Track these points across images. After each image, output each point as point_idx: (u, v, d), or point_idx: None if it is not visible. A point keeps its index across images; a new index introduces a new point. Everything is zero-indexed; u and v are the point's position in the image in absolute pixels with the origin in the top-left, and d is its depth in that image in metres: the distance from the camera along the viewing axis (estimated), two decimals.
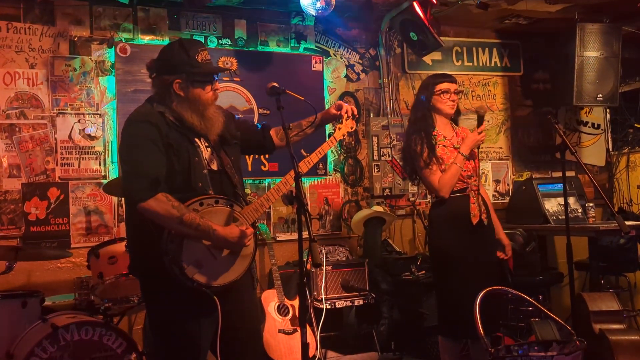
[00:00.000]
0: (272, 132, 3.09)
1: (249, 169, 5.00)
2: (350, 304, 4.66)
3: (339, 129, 3.06)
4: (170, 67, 2.64)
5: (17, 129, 4.42)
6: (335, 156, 5.43)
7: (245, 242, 2.63)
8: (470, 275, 3.57)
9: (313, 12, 4.79)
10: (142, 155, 2.53)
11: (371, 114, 5.56)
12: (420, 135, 3.67)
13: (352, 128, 3.08)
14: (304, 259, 2.56)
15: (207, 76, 2.68)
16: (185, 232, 2.50)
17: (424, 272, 4.78)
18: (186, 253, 2.53)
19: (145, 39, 4.82)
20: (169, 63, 2.65)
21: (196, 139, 2.69)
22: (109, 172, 4.63)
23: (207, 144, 2.73)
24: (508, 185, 6.08)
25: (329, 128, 5.37)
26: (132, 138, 2.59)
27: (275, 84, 2.82)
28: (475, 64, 6.02)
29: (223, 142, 2.80)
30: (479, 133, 3.63)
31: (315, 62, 5.38)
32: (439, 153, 3.63)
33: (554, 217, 5.26)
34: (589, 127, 6.45)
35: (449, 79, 3.76)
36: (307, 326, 3.78)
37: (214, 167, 2.72)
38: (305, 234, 2.53)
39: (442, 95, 3.69)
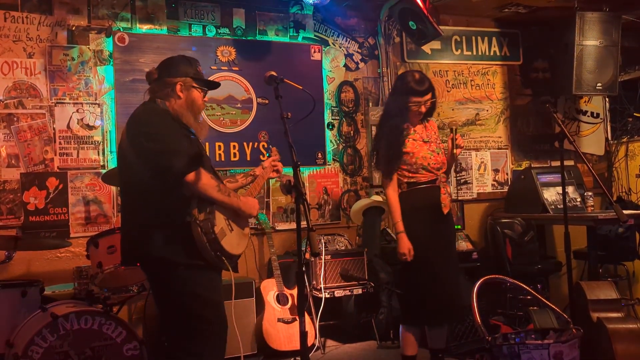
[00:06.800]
0: None
1: (248, 158, 5.01)
2: (349, 293, 4.68)
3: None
4: (174, 71, 2.90)
5: (15, 119, 4.41)
6: (334, 146, 5.42)
7: (255, 213, 3.02)
8: (436, 265, 3.61)
9: (311, 0, 4.80)
10: (177, 137, 2.76)
11: (370, 104, 5.55)
12: (391, 130, 3.70)
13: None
14: (303, 249, 2.59)
15: (206, 84, 2.98)
16: (222, 198, 2.78)
17: None
18: (217, 220, 2.74)
19: (144, 28, 4.81)
20: (174, 67, 2.91)
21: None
22: (107, 161, 4.62)
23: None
24: (507, 174, 6.08)
25: (327, 117, 5.38)
26: (160, 125, 2.78)
27: (274, 73, 2.88)
28: (475, 53, 6.00)
29: None
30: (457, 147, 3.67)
31: (314, 52, 5.37)
32: (408, 147, 3.66)
33: (553, 206, 5.27)
34: (588, 116, 6.45)
35: (422, 92, 3.67)
36: (306, 315, 3.80)
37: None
38: (304, 224, 2.54)
39: (413, 107, 3.69)
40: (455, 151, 3.67)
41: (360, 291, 4.69)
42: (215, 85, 3.13)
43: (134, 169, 2.76)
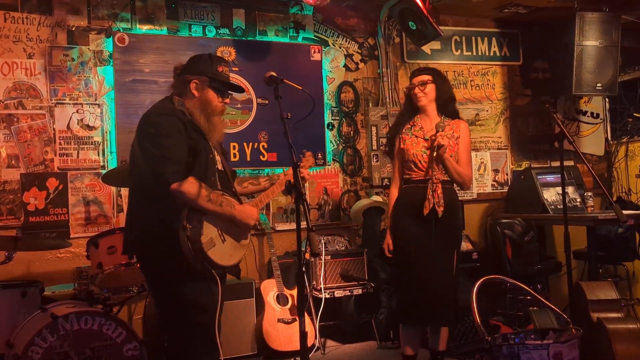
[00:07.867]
0: (236, 180, 3.23)
1: (248, 159, 5.01)
2: (349, 294, 4.68)
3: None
4: (193, 69, 2.88)
5: (15, 119, 4.41)
6: (334, 146, 5.42)
7: (253, 223, 2.86)
8: (414, 266, 3.59)
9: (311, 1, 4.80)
10: (174, 143, 2.70)
11: (370, 104, 5.55)
12: (394, 128, 3.87)
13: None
14: (303, 249, 2.59)
15: (222, 84, 2.91)
16: (211, 208, 2.70)
17: None
18: (205, 230, 2.69)
19: (144, 28, 4.81)
20: (194, 65, 2.90)
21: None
22: (107, 162, 4.63)
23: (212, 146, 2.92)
24: (507, 174, 6.08)
25: (327, 117, 5.38)
26: (163, 127, 2.73)
27: (274, 74, 2.87)
28: (475, 53, 6.00)
29: (221, 150, 3.04)
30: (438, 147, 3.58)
31: (314, 52, 5.37)
32: (407, 142, 3.72)
33: (553, 207, 5.26)
34: (588, 116, 6.45)
35: (415, 73, 3.81)
36: (306, 315, 3.80)
37: (219, 167, 2.92)
38: (303, 224, 2.54)
39: (411, 91, 3.78)
40: (434, 153, 3.56)
41: (360, 291, 4.69)
42: (237, 88, 3.06)
43: (141, 168, 2.77)
